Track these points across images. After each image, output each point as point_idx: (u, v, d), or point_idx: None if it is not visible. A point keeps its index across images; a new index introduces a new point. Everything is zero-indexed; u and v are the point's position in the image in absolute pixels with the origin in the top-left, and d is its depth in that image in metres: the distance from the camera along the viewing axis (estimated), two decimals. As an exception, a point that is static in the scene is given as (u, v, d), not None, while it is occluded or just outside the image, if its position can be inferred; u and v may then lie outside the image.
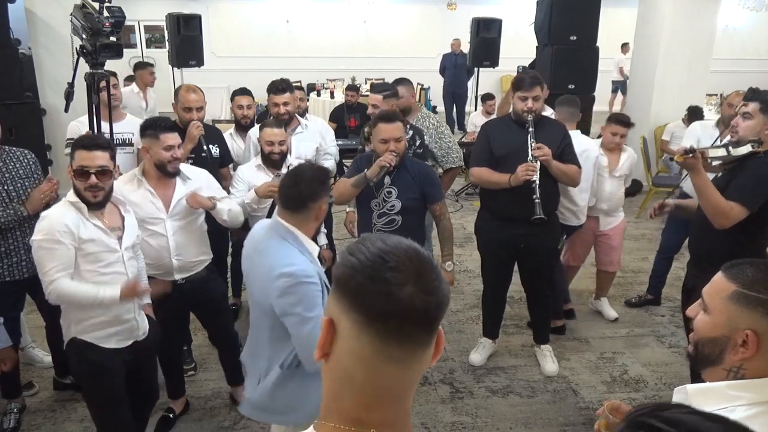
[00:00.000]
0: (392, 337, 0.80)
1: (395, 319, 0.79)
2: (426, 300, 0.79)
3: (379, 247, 0.82)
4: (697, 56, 6.79)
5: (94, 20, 2.72)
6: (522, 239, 3.31)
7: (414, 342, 0.81)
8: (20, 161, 2.92)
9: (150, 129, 2.80)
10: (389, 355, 0.80)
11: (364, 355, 0.81)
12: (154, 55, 12.67)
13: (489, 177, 3.27)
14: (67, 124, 3.68)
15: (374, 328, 0.79)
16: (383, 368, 0.81)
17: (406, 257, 0.81)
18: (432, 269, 0.82)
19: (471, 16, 9.13)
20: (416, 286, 0.79)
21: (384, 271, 0.79)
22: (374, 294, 0.79)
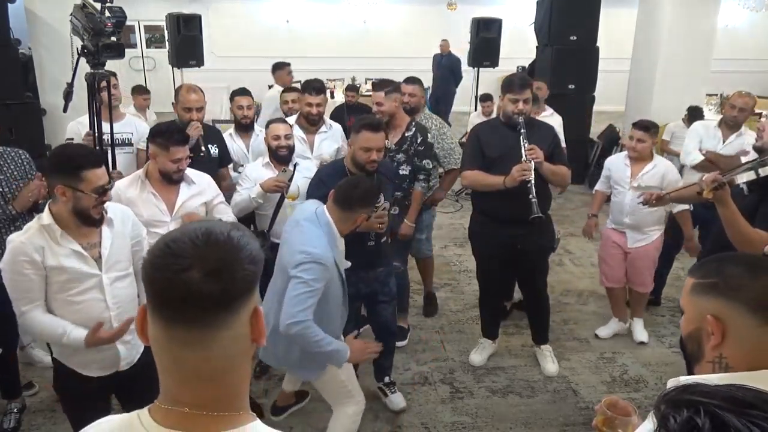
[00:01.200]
0: (178, 321, 0.83)
1: (176, 303, 0.82)
2: (207, 282, 0.81)
3: (169, 236, 0.86)
4: (697, 56, 6.79)
5: (95, 20, 2.72)
6: (518, 240, 3.31)
7: (203, 325, 0.83)
8: (15, 162, 2.92)
9: (160, 138, 2.72)
10: (180, 339, 0.84)
11: (162, 340, 0.86)
12: (154, 55, 12.68)
13: (483, 179, 3.26)
14: (66, 124, 3.68)
15: (163, 314, 0.84)
16: (179, 353, 0.85)
17: (190, 242, 0.84)
18: (219, 249, 0.84)
19: (471, 16, 9.13)
20: (198, 270, 0.81)
21: (166, 258, 0.83)
22: (157, 281, 0.83)
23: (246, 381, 0.93)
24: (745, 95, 4.33)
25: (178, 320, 0.84)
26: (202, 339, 0.84)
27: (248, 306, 0.87)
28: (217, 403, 0.87)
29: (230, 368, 0.88)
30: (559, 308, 4.29)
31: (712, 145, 4.34)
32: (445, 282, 4.84)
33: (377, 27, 13.24)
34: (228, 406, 0.88)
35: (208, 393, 0.87)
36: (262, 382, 3.49)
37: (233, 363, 0.88)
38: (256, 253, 0.88)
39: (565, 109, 5.68)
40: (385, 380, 3.31)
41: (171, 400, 0.87)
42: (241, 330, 0.87)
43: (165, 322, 0.85)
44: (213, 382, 0.87)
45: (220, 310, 0.84)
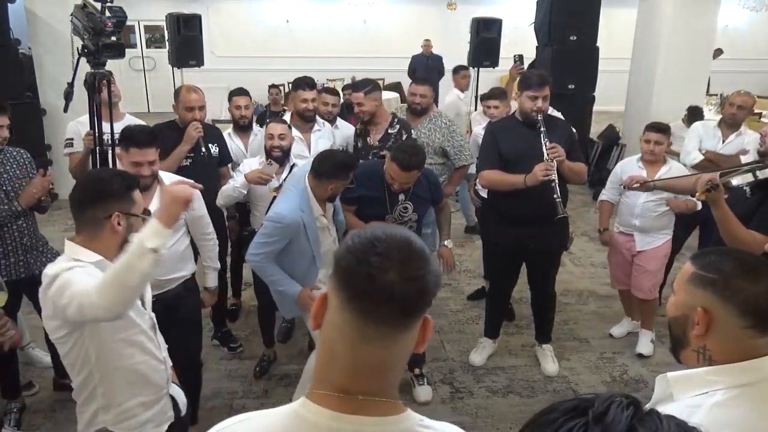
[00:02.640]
0: (369, 317, 0.86)
1: (373, 300, 0.85)
2: (406, 286, 0.85)
3: (373, 234, 0.89)
4: (697, 56, 6.79)
5: (96, 20, 2.72)
6: (532, 240, 3.30)
7: (390, 325, 0.87)
8: (17, 161, 2.94)
9: (124, 141, 2.52)
10: (366, 334, 0.87)
11: (344, 330, 0.88)
12: (154, 55, 12.68)
13: (502, 179, 3.20)
14: (66, 124, 3.69)
15: (354, 306, 0.86)
16: (360, 346, 0.88)
17: (396, 245, 0.87)
18: (419, 259, 0.88)
19: (471, 16, 9.12)
20: (399, 273, 0.85)
21: (370, 255, 0.86)
22: (358, 275, 0.86)
23: (400, 376, 0.97)
24: (744, 94, 4.34)
25: (371, 316, 0.86)
26: (388, 337, 0.88)
27: (422, 315, 0.92)
28: (384, 391, 0.91)
29: (398, 365, 0.93)
30: (559, 308, 4.28)
31: (712, 144, 4.34)
32: (445, 282, 4.84)
33: (377, 27, 13.24)
34: (391, 394, 0.93)
35: (376, 384, 0.90)
36: (263, 382, 3.49)
37: (401, 361, 0.93)
38: (438, 272, 0.93)
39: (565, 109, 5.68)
40: (415, 371, 3.37)
41: (337, 389, 0.89)
42: (413, 335, 0.92)
43: (357, 315, 0.87)
44: (383, 374, 0.91)
45: (410, 314, 0.88)
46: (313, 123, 3.86)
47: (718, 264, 1.24)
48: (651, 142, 3.59)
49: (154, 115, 8.54)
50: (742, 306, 1.19)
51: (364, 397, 0.89)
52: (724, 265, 1.24)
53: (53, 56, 5.71)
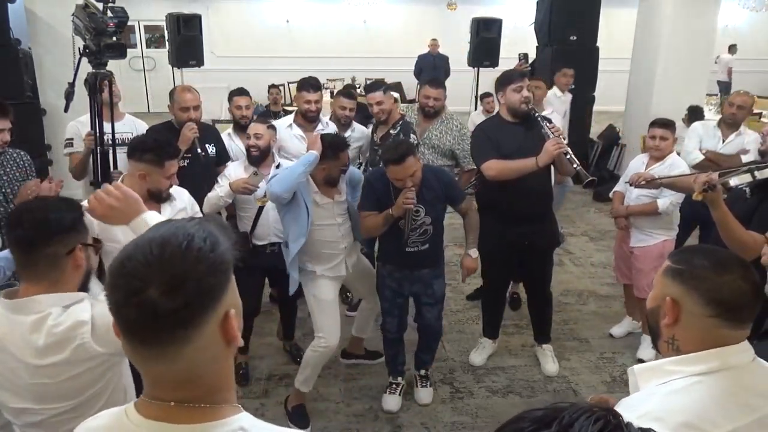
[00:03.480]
0: (136, 339, 0.83)
1: (132, 323, 0.82)
2: (165, 303, 0.80)
3: (125, 252, 0.85)
4: (697, 56, 6.79)
5: (98, 20, 2.72)
6: (526, 237, 3.32)
7: (162, 342, 0.83)
8: (17, 163, 2.94)
9: (152, 154, 2.45)
10: (142, 354, 0.85)
11: (127, 350, 0.87)
12: (154, 55, 12.68)
13: (512, 165, 3.15)
14: (66, 124, 3.69)
15: (122, 330, 0.85)
16: (143, 364, 0.86)
17: (145, 259, 0.82)
18: (177, 266, 0.82)
19: (471, 16, 9.12)
20: (156, 290, 0.80)
21: (121, 278, 0.83)
22: (114, 302, 0.83)
23: (227, 377, 0.92)
24: (744, 94, 4.35)
25: (136, 338, 0.83)
26: (165, 354, 0.83)
27: (214, 316, 0.85)
28: (199, 398, 0.87)
29: (203, 373, 0.87)
30: (559, 308, 4.29)
31: (712, 144, 4.35)
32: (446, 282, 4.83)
33: (377, 27, 13.24)
34: (211, 400, 0.89)
35: (186, 393, 0.87)
36: (262, 381, 3.49)
37: (205, 369, 0.87)
38: (222, 261, 0.85)
39: (565, 109, 5.69)
40: (421, 372, 3.38)
41: (153, 397, 0.88)
42: (208, 340, 0.85)
43: (126, 338, 0.85)
44: (188, 384, 0.87)
45: (179, 328, 0.82)
46: (317, 123, 3.86)
47: (689, 257, 1.31)
48: (656, 137, 3.58)
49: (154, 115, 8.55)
50: (707, 295, 1.24)
51: (176, 404, 0.86)
52: (693, 258, 1.30)
53: (53, 56, 5.71)
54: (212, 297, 0.84)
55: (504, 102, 3.30)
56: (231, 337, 0.88)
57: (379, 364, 3.57)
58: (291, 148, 3.75)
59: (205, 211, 3.26)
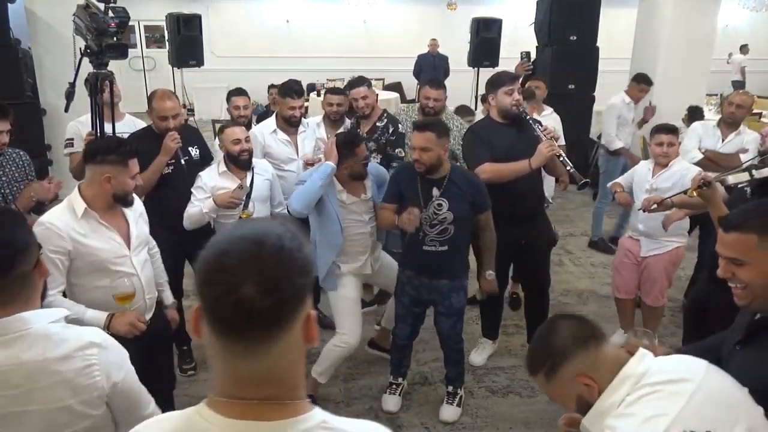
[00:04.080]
0: (229, 334, 0.84)
1: (227, 319, 0.83)
2: (262, 300, 0.81)
3: (218, 247, 0.85)
4: (697, 56, 6.78)
5: (99, 20, 2.72)
6: (523, 236, 3.33)
7: (255, 339, 0.84)
8: (16, 163, 2.93)
9: (115, 154, 2.29)
10: (232, 351, 0.85)
11: (214, 348, 0.86)
12: (154, 55, 12.68)
13: (506, 167, 3.16)
14: (66, 124, 3.68)
15: (214, 327, 0.85)
16: (232, 362, 0.86)
17: (243, 256, 0.83)
18: (274, 266, 0.83)
19: (471, 16, 9.14)
20: (253, 287, 0.81)
21: (218, 273, 0.83)
22: (210, 297, 0.83)
23: (302, 375, 0.93)
24: (743, 93, 4.35)
25: (230, 334, 0.85)
26: (255, 352, 0.85)
27: (300, 316, 0.88)
28: (280, 396, 0.89)
29: (285, 373, 0.89)
30: (559, 308, 4.29)
31: (712, 143, 4.35)
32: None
33: (377, 27, 13.25)
34: (290, 396, 0.90)
35: (269, 391, 0.88)
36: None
37: (288, 368, 0.89)
38: (308, 262, 0.87)
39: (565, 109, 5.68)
40: (449, 389, 3.27)
41: (233, 396, 0.88)
42: (293, 339, 0.88)
43: (217, 334, 0.85)
44: (269, 383, 0.88)
45: (272, 325, 0.84)
46: (299, 125, 3.86)
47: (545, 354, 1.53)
48: (664, 144, 3.51)
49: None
50: (573, 347, 1.41)
51: (258, 402, 0.87)
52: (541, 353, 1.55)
53: (53, 56, 5.71)
54: (301, 297, 0.86)
55: (495, 104, 3.29)
56: (311, 336, 0.90)
57: (380, 364, 3.58)
58: (279, 154, 3.74)
59: (187, 227, 3.14)
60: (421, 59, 10.90)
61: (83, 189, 2.30)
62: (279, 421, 0.87)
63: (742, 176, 2.44)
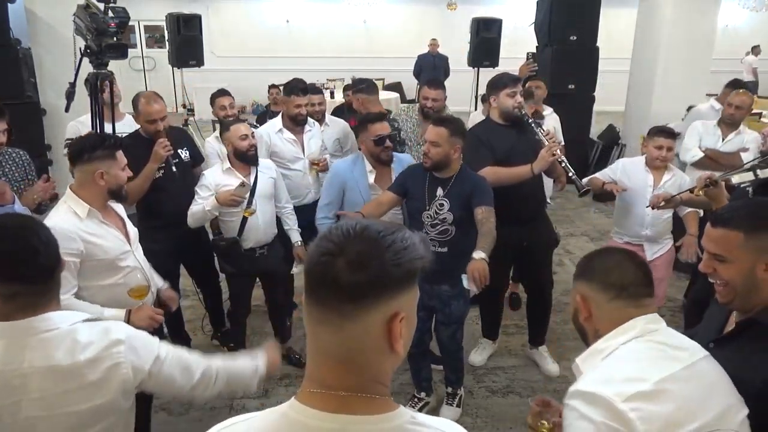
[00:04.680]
0: (313, 298, 0.90)
1: (315, 282, 0.89)
2: (348, 274, 0.86)
3: (337, 225, 0.93)
4: (697, 56, 6.79)
5: (99, 20, 2.72)
6: (524, 238, 3.33)
7: (332, 309, 0.88)
8: (16, 163, 2.93)
9: (102, 149, 2.28)
10: (315, 316, 0.90)
11: (307, 313, 0.93)
12: (154, 55, 12.68)
13: (508, 172, 3.14)
14: (66, 124, 3.68)
15: (308, 288, 0.91)
16: (315, 328, 0.91)
17: (347, 234, 0.89)
18: (369, 248, 0.87)
19: (471, 16, 9.14)
20: (343, 260, 0.86)
21: (324, 242, 0.89)
22: (311, 259, 0.90)
23: (386, 374, 0.94)
24: (742, 93, 4.35)
25: (318, 298, 0.90)
26: (331, 321, 0.89)
27: (384, 307, 0.88)
28: (363, 387, 0.90)
29: (364, 358, 0.90)
30: (559, 308, 4.29)
31: (712, 143, 4.36)
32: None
33: (377, 27, 13.25)
34: (375, 391, 0.91)
35: (352, 379, 0.90)
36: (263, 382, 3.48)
37: (367, 356, 0.90)
38: (407, 258, 0.89)
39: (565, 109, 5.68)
40: (448, 390, 3.29)
41: (320, 385, 0.91)
42: (373, 329, 0.89)
43: (309, 296, 0.91)
44: (349, 365, 0.90)
45: (355, 300, 0.87)
46: (305, 124, 3.85)
47: (584, 260, 1.54)
48: (663, 148, 3.43)
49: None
50: (600, 280, 1.44)
51: (346, 394, 0.89)
52: (587, 259, 1.53)
53: (53, 56, 5.71)
54: (388, 287, 0.88)
55: (497, 105, 3.28)
56: (392, 338, 0.90)
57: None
58: (285, 153, 3.74)
59: (191, 225, 3.20)
60: (421, 59, 10.90)
61: (78, 191, 2.28)
62: (369, 415, 0.89)
63: (746, 176, 2.46)
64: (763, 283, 1.45)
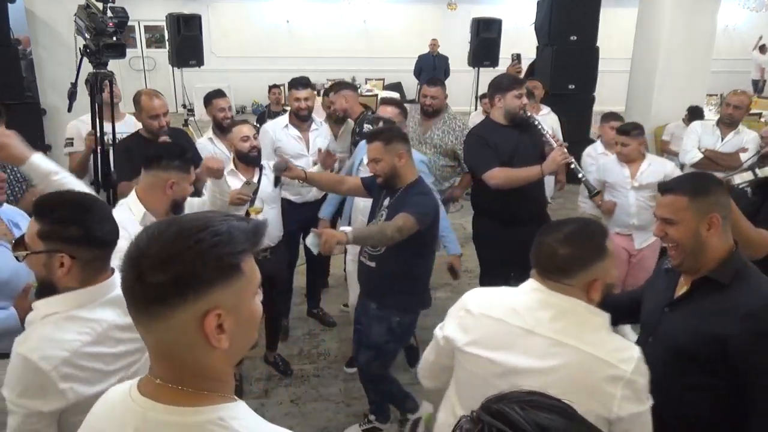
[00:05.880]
0: (126, 298, 0.91)
1: (123, 285, 0.90)
2: (150, 275, 0.86)
3: (147, 226, 0.94)
4: (697, 56, 6.79)
5: (97, 20, 2.72)
6: (529, 239, 3.30)
7: (140, 309, 0.89)
8: None
9: (180, 160, 2.31)
10: (131, 315, 0.91)
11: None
12: (154, 55, 12.68)
13: (518, 174, 3.11)
14: (66, 124, 3.68)
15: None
16: (137, 326, 0.92)
17: (151, 235, 0.89)
18: (170, 248, 0.87)
19: (471, 16, 9.15)
20: (148, 262, 0.87)
21: (132, 245, 0.90)
22: (122, 261, 0.91)
23: (211, 369, 0.93)
24: (740, 93, 4.36)
25: (126, 299, 0.91)
26: (142, 321, 0.90)
27: (189, 305, 0.87)
28: (180, 380, 0.91)
29: (178, 356, 0.91)
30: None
31: (711, 143, 4.36)
32: (445, 282, 4.83)
33: (377, 27, 13.25)
34: (194, 385, 0.92)
35: (167, 371, 0.92)
36: (262, 382, 3.49)
37: (180, 353, 0.90)
38: (215, 255, 0.87)
39: (565, 109, 5.69)
40: (369, 415, 3.06)
41: (151, 373, 0.94)
42: (183, 327, 0.88)
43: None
44: (165, 361, 0.92)
45: (151, 301, 0.87)
46: (311, 122, 3.85)
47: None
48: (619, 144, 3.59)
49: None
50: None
51: (161, 383, 0.91)
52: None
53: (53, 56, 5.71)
54: (192, 286, 0.87)
55: (502, 106, 3.25)
56: (207, 336, 0.89)
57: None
58: (289, 149, 3.74)
59: None
60: (422, 59, 10.90)
61: (142, 194, 2.29)
62: (175, 407, 0.90)
63: (746, 175, 2.47)
64: (707, 242, 1.65)
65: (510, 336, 1.51)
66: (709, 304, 1.64)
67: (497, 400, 0.80)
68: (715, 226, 1.65)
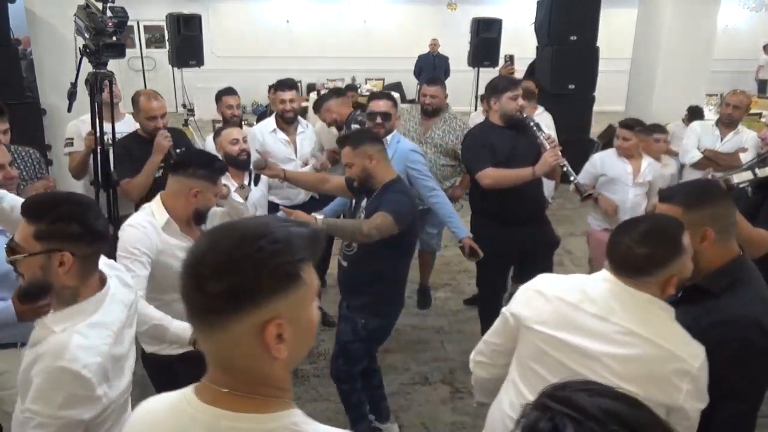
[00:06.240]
0: (184, 305, 0.89)
1: (183, 292, 0.88)
2: (209, 284, 0.84)
3: (207, 231, 0.95)
4: (697, 56, 6.79)
5: (97, 20, 2.73)
6: (525, 239, 3.32)
7: (198, 318, 0.88)
8: (25, 162, 2.95)
9: (207, 170, 2.26)
10: (190, 322, 0.90)
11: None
12: (154, 55, 12.68)
13: (510, 174, 3.14)
14: (66, 124, 3.68)
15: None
16: (197, 335, 0.91)
17: (210, 242, 0.88)
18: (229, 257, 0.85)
19: (471, 16, 9.14)
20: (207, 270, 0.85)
21: (189, 252, 0.89)
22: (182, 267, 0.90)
23: (269, 377, 0.92)
24: (740, 93, 4.36)
25: (185, 306, 0.89)
26: (201, 329, 0.89)
27: (246, 316, 0.85)
28: (246, 389, 0.90)
29: (239, 365, 0.89)
30: (559, 308, 4.30)
31: (711, 143, 4.36)
32: (445, 282, 4.84)
33: (377, 27, 13.24)
34: (258, 392, 0.90)
35: (231, 380, 0.90)
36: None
37: (241, 362, 0.89)
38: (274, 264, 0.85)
39: (565, 109, 5.68)
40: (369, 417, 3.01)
41: (210, 380, 0.92)
42: (240, 337, 0.86)
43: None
44: (227, 370, 0.90)
45: (209, 311, 0.86)
46: (297, 125, 3.82)
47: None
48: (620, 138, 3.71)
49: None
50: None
51: (228, 391, 0.89)
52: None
53: (53, 56, 5.71)
54: (252, 296, 0.85)
55: (498, 108, 3.26)
56: (267, 346, 0.87)
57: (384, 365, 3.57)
58: (277, 153, 3.69)
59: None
60: (422, 59, 10.90)
61: (166, 199, 2.27)
62: (243, 414, 0.88)
63: (746, 175, 2.48)
64: (699, 253, 1.64)
65: (585, 321, 1.56)
66: (695, 311, 1.65)
67: (561, 387, 0.80)
68: (708, 239, 1.66)
